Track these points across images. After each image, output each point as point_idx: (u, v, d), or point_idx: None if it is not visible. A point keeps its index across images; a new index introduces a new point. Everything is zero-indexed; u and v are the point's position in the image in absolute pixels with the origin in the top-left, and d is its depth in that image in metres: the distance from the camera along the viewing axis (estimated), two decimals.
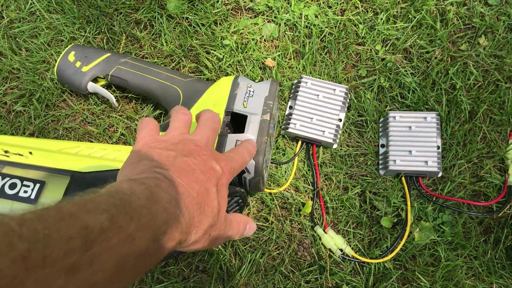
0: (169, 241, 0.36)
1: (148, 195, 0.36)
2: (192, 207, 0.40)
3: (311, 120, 0.76)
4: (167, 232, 0.36)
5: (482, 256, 0.71)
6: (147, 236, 0.33)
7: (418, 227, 0.72)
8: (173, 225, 0.37)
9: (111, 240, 0.30)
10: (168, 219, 0.36)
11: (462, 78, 0.78)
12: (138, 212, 0.34)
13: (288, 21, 0.83)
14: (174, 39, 0.84)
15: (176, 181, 0.40)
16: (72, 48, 0.79)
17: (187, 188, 0.41)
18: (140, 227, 0.33)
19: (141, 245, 0.32)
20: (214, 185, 0.44)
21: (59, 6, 0.88)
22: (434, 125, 0.74)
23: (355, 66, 0.81)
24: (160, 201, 0.37)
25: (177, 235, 0.38)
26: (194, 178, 0.42)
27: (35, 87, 0.83)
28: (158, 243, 0.35)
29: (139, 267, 0.33)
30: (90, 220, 0.29)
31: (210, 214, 0.43)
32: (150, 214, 0.35)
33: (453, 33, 0.81)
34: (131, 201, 0.34)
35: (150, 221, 0.34)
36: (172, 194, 0.39)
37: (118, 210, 0.32)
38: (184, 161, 0.44)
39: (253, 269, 0.72)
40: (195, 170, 0.43)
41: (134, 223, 0.32)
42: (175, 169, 0.42)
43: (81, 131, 0.80)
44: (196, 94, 0.72)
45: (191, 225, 0.40)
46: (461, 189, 0.74)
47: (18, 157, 0.65)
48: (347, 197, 0.73)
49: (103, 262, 0.29)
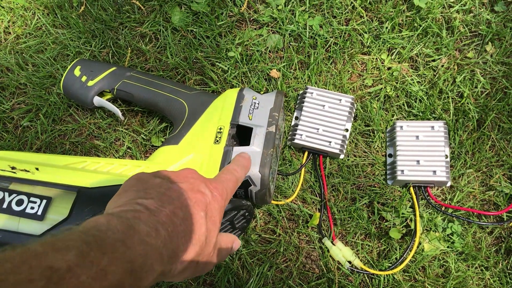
0: (149, 273, 0.35)
1: (125, 229, 0.35)
2: (176, 235, 0.39)
3: (317, 131, 0.75)
4: (145, 264, 0.35)
5: (493, 266, 0.70)
6: (121, 270, 0.32)
7: (427, 238, 0.71)
8: (153, 256, 0.36)
9: (80, 277, 0.29)
10: (147, 252, 0.35)
11: (470, 86, 0.77)
12: (111, 246, 0.33)
13: (292, 31, 0.82)
14: (179, 52, 0.84)
15: (158, 211, 0.39)
16: (78, 63, 0.79)
17: (170, 216, 0.40)
18: (114, 261, 0.32)
19: (113, 279, 0.31)
20: (202, 210, 0.43)
21: (64, 21, 0.89)
22: (442, 134, 0.73)
23: (361, 76, 0.81)
24: (137, 234, 0.36)
25: (157, 266, 0.36)
26: (179, 204, 0.41)
27: (41, 102, 0.83)
28: (134, 276, 0.34)
29: None
30: (57, 259, 0.29)
31: (197, 242, 0.41)
32: (125, 247, 0.34)
33: (459, 40, 0.81)
34: (105, 236, 0.33)
35: (124, 254, 0.33)
36: (152, 225, 0.38)
37: (89, 246, 0.31)
38: (170, 187, 0.43)
39: (261, 282, 0.71)
40: (181, 196, 0.42)
41: (107, 257, 0.32)
42: (159, 197, 0.41)
43: (87, 145, 0.80)
44: (201, 106, 0.72)
45: (176, 255, 0.39)
46: (471, 198, 0.73)
47: (24, 173, 0.65)
48: (355, 208, 0.73)
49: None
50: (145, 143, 0.80)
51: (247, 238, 0.73)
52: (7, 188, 0.64)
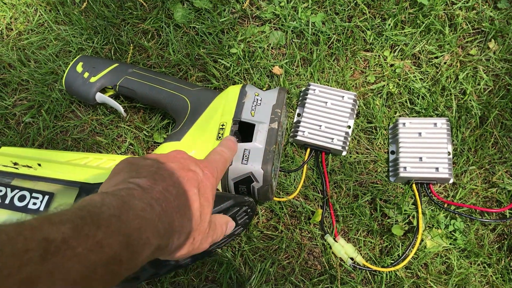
0: (145, 247, 0.36)
1: (119, 205, 0.36)
2: (170, 210, 0.40)
3: (320, 128, 0.75)
4: (141, 237, 0.36)
5: (495, 263, 0.70)
6: (116, 243, 0.33)
7: (430, 235, 0.71)
8: (148, 230, 0.37)
9: (76, 249, 0.30)
10: (142, 226, 0.36)
11: (472, 83, 0.77)
12: (106, 221, 0.33)
13: (295, 28, 0.82)
14: (182, 48, 0.84)
15: (150, 188, 0.40)
16: (80, 59, 0.79)
17: (163, 193, 0.41)
18: (109, 234, 0.33)
19: (110, 252, 0.32)
20: (195, 187, 0.44)
21: (67, 17, 0.89)
22: (444, 131, 0.73)
23: (364, 73, 0.81)
24: (132, 209, 0.37)
25: (154, 240, 0.37)
26: (172, 182, 0.42)
27: (43, 98, 0.83)
28: (131, 249, 0.34)
29: (110, 274, 0.33)
30: (52, 231, 0.29)
31: (192, 217, 0.42)
32: (120, 221, 0.34)
33: (462, 37, 0.81)
34: (100, 211, 0.34)
35: (120, 228, 0.34)
36: (147, 201, 0.39)
37: (84, 220, 0.32)
38: (161, 167, 0.44)
39: (263, 279, 0.71)
40: (172, 174, 0.43)
41: (102, 231, 0.32)
42: (151, 176, 0.42)
43: (89, 142, 0.80)
44: (203, 103, 0.72)
45: (171, 229, 0.40)
46: (473, 195, 0.73)
47: (27, 169, 0.65)
48: (357, 205, 0.73)
49: (66, 271, 0.29)
50: (147, 140, 0.80)
51: (249, 234, 0.73)
52: (10, 184, 0.64)
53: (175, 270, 0.71)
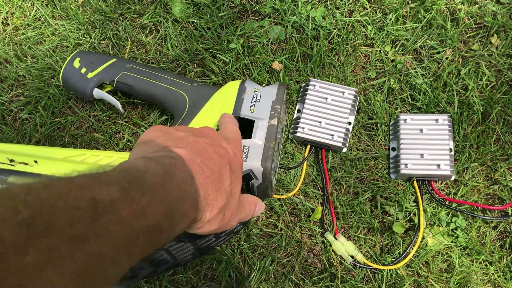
0: (183, 218, 0.37)
1: (163, 173, 0.36)
2: (206, 185, 0.40)
3: (320, 124, 0.74)
4: (181, 209, 0.36)
5: (497, 261, 0.69)
6: (159, 212, 0.33)
7: (431, 233, 0.70)
8: (187, 202, 0.37)
9: (121, 213, 0.29)
10: (183, 197, 0.37)
11: (474, 79, 0.76)
12: (151, 188, 0.33)
13: (295, 23, 0.81)
14: (180, 44, 0.83)
15: (191, 160, 0.41)
16: (77, 54, 0.78)
17: (202, 166, 0.41)
18: (153, 202, 0.33)
19: (153, 220, 0.32)
20: (227, 164, 0.45)
21: (64, 12, 0.87)
22: (446, 128, 0.72)
23: (364, 68, 0.80)
24: (174, 179, 0.37)
25: (191, 213, 0.38)
26: (208, 156, 0.43)
27: (40, 94, 0.82)
28: (171, 220, 0.35)
29: (150, 243, 0.33)
30: (101, 192, 0.29)
31: (224, 192, 0.43)
32: (164, 190, 0.35)
33: (464, 32, 0.80)
34: (145, 177, 0.34)
35: (163, 197, 0.34)
36: (187, 173, 0.39)
37: (131, 184, 0.32)
38: (197, 140, 0.44)
39: (262, 277, 0.70)
40: (208, 149, 0.44)
41: (147, 198, 0.32)
42: (190, 148, 0.42)
43: (87, 138, 0.79)
44: (202, 99, 0.71)
45: (206, 203, 0.41)
46: (475, 192, 0.72)
47: (23, 166, 0.64)
48: (357, 202, 0.72)
49: (112, 235, 0.28)
50: None
51: (249, 232, 0.72)
52: (6, 181, 0.63)
53: (174, 268, 0.70)
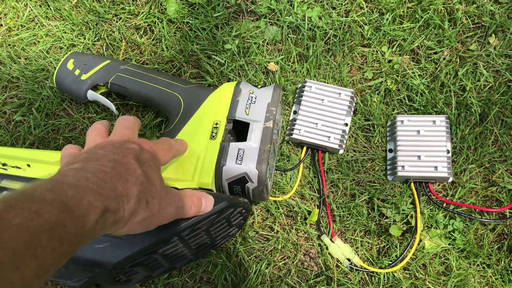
0: (90, 210, 0.37)
1: (51, 182, 0.38)
2: (109, 179, 0.41)
3: (316, 126, 0.74)
4: (81, 202, 0.37)
5: (495, 264, 0.68)
6: (55, 210, 0.34)
7: (428, 235, 0.69)
8: (88, 195, 0.38)
9: (13, 220, 0.31)
10: (79, 192, 0.37)
11: (472, 80, 0.75)
12: (40, 195, 0.35)
13: (291, 23, 0.80)
14: (175, 44, 0.82)
15: (84, 167, 0.42)
16: (71, 56, 0.77)
17: (98, 167, 0.42)
18: (45, 204, 0.34)
19: (50, 218, 0.33)
20: (133, 158, 0.46)
21: (57, 12, 0.87)
22: (443, 129, 0.72)
23: (361, 69, 0.79)
24: (65, 182, 0.38)
25: (97, 202, 0.38)
26: (106, 160, 0.44)
27: (34, 96, 0.81)
28: (73, 214, 0.35)
29: (58, 240, 0.34)
30: None
31: (136, 181, 0.44)
32: (55, 193, 0.36)
33: (462, 32, 0.79)
34: (32, 190, 0.35)
35: (56, 198, 0.35)
36: (80, 176, 0.40)
37: (16, 199, 0.33)
38: (95, 152, 0.46)
39: (258, 280, 0.70)
40: (107, 155, 0.45)
41: (37, 203, 0.34)
42: (84, 159, 0.44)
43: (81, 140, 0.78)
44: (197, 101, 0.70)
45: (117, 194, 0.41)
46: (473, 194, 0.71)
47: (16, 170, 0.63)
48: (354, 204, 0.71)
49: (5, 241, 0.30)
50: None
51: (244, 235, 0.71)
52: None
53: (169, 272, 0.70)
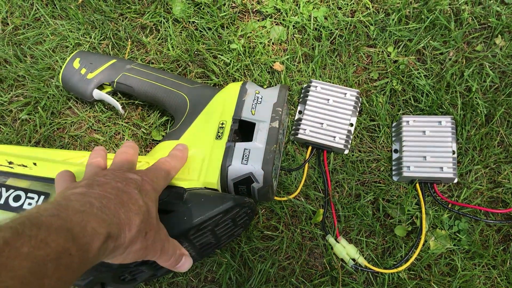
0: (94, 237, 0.37)
1: (56, 206, 0.38)
2: (113, 206, 0.42)
3: (322, 125, 0.74)
4: (86, 229, 0.37)
5: (500, 265, 0.68)
6: (61, 238, 0.34)
7: (433, 236, 0.69)
8: (92, 221, 0.38)
9: (21, 249, 0.31)
10: (84, 218, 0.38)
11: (478, 80, 0.75)
12: (46, 221, 0.35)
13: (296, 23, 0.80)
14: (181, 44, 0.82)
15: (87, 192, 0.42)
16: (77, 55, 0.78)
17: (101, 193, 0.43)
18: (52, 231, 0.34)
19: (57, 247, 0.34)
20: (135, 188, 0.46)
21: (63, 11, 0.87)
22: (449, 130, 0.72)
23: (367, 69, 0.79)
24: (70, 207, 0.38)
25: (101, 229, 0.38)
26: (110, 186, 0.44)
27: (40, 95, 0.81)
28: (78, 241, 0.36)
29: (63, 269, 0.34)
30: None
31: (139, 211, 0.44)
32: (61, 219, 0.36)
33: (468, 33, 0.79)
34: (38, 215, 0.36)
35: (62, 225, 0.36)
36: (85, 201, 0.40)
37: (24, 225, 0.33)
38: (97, 179, 0.46)
39: (263, 280, 0.70)
40: (109, 182, 0.45)
41: (44, 230, 0.34)
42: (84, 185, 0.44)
43: (87, 139, 0.78)
44: (203, 100, 0.70)
45: (119, 221, 0.42)
46: (478, 195, 0.71)
47: (22, 168, 0.63)
48: (359, 204, 0.71)
49: (13, 270, 0.30)
50: (145, 137, 0.78)
51: (249, 234, 0.72)
52: (4, 184, 0.62)
53: (173, 272, 0.70)
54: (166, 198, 0.57)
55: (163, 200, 0.56)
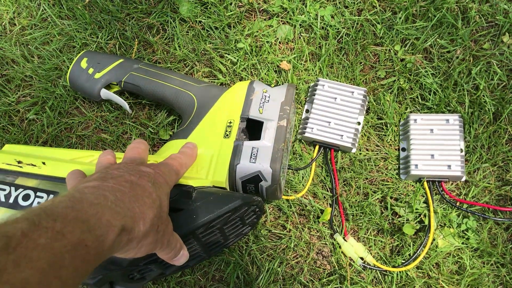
0: (109, 229, 0.38)
1: (71, 199, 0.38)
2: (127, 199, 0.42)
3: (329, 124, 0.74)
4: (101, 221, 0.37)
5: (509, 263, 0.68)
6: (77, 229, 0.35)
7: (441, 234, 0.69)
8: (106, 213, 0.39)
9: (38, 240, 0.31)
10: (98, 210, 0.38)
11: (486, 78, 0.75)
12: (62, 213, 0.35)
13: (303, 22, 0.80)
14: (187, 43, 0.82)
15: (101, 185, 0.42)
16: (85, 55, 0.78)
17: (115, 186, 0.43)
18: (68, 223, 0.35)
19: (73, 238, 0.34)
20: (149, 181, 0.46)
21: (70, 12, 0.87)
22: (456, 128, 0.71)
23: (374, 68, 0.79)
24: (84, 200, 0.39)
25: (116, 221, 0.39)
26: (123, 179, 0.45)
27: (47, 95, 0.82)
28: (94, 233, 0.36)
29: (80, 260, 0.34)
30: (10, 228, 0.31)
31: (152, 204, 0.45)
32: (76, 211, 0.36)
33: (475, 31, 0.78)
34: (53, 206, 0.36)
35: (77, 216, 0.36)
36: (99, 193, 0.41)
37: (39, 216, 0.34)
38: (111, 172, 0.46)
39: (271, 279, 0.70)
40: (123, 175, 0.45)
41: (60, 222, 0.34)
42: (97, 178, 0.44)
43: (94, 139, 0.79)
44: (210, 100, 0.70)
45: (134, 214, 0.42)
46: (486, 193, 0.71)
47: (31, 168, 0.64)
48: (367, 203, 0.71)
49: (32, 260, 0.30)
50: (153, 137, 0.78)
51: (257, 233, 0.72)
52: (14, 183, 0.62)
53: (182, 270, 0.70)
54: (175, 196, 0.57)
55: (172, 199, 0.56)
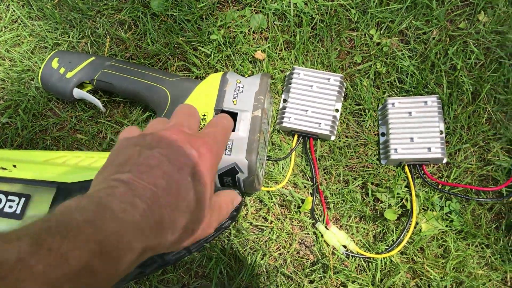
0: (126, 252, 0.33)
1: (95, 208, 0.33)
2: (158, 207, 0.36)
3: (306, 113, 0.72)
4: (121, 242, 0.32)
5: (494, 244, 0.67)
6: (86, 253, 0.29)
7: (424, 218, 0.68)
8: (129, 233, 0.33)
9: (35, 267, 0.27)
10: (120, 229, 0.33)
11: (463, 58, 0.74)
12: (76, 229, 0.30)
13: (276, 10, 0.79)
14: (160, 38, 0.81)
15: (135, 184, 0.36)
16: (55, 55, 0.76)
17: (150, 187, 0.36)
18: (77, 244, 0.29)
19: (77, 264, 0.29)
20: (188, 174, 0.40)
21: (40, 12, 0.85)
22: (435, 109, 0.70)
23: (350, 53, 0.77)
24: (109, 211, 0.33)
25: (137, 244, 0.34)
26: (161, 173, 0.38)
27: (20, 97, 0.80)
28: (106, 257, 0.31)
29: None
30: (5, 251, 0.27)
31: (186, 209, 0.39)
32: (93, 227, 0.31)
33: (450, 11, 0.77)
34: (70, 219, 0.31)
35: (91, 236, 0.30)
36: (129, 200, 0.35)
37: (48, 232, 0.29)
38: (149, 155, 0.39)
39: (254, 272, 0.69)
40: (162, 163, 0.39)
41: (68, 241, 0.29)
42: (137, 169, 0.38)
43: (69, 140, 0.77)
44: (184, 93, 0.69)
45: (161, 228, 0.36)
46: (468, 174, 0.70)
47: (1, 171, 0.62)
48: (348, 190, 0.70)
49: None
50: None
51: (238, 226, 0.70)
52: None
53: (163, 268, 0.69)
54: None
55: None
